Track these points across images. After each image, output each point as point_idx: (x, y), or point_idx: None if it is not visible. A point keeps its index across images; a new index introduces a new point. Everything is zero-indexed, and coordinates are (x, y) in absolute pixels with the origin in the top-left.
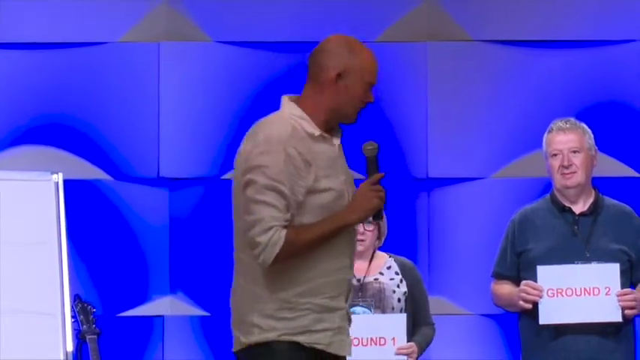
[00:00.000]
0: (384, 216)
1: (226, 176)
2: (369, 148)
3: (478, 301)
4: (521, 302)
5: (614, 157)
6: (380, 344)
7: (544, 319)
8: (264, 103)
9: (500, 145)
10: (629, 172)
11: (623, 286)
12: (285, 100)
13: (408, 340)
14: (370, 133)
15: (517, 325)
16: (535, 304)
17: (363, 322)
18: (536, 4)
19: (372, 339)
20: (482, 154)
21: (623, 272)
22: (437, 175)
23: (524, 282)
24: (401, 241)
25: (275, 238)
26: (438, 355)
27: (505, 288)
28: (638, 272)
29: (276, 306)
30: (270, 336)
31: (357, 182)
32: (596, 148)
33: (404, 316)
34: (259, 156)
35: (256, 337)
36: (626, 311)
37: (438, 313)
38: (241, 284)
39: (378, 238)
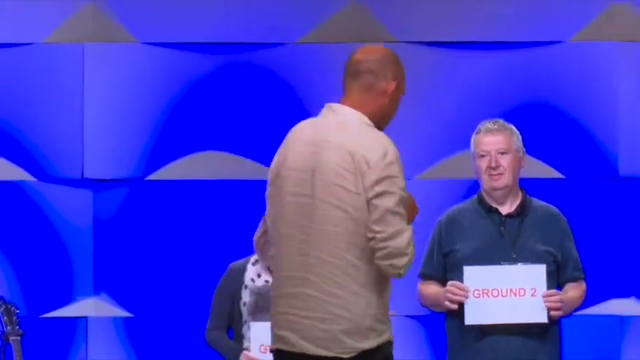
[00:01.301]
0: None
1: (150, 177)
2: None
3: (403, 302)
4: (447, 303)
5: (540, 159)
6: None
7: (470, 319)
8: (189, 104)
9: (426, 147)
10: (554, 173)
11: (549, 288)
12: (346, 108)
13: None
14: None
15: (443, 325)
16: (461, 305)
17: None
18: (462, 6)
19: None
20: (408, 155)
21: (549, 273)
22: None
23: (450, 282)
24: None
25: (414, 251)
26: None
27: (431, 288)
28: (564, 273)
29: (382, 310)
30: (385, 338)
31: None
32: (524, 149)
33: None
34: (390, 166)
35: (373, 340)
36: (552, 312)
37: None
38: (355, 290)
39: None
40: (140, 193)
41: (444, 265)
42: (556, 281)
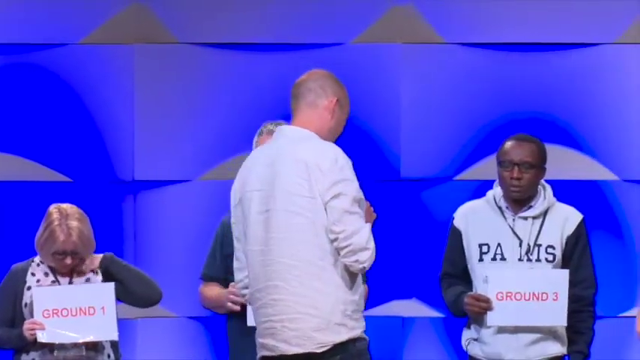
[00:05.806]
0: None
1: None
2: None
3: (184, 303)
4: (229, 304)
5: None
6: (89, 314)
7: (251, 320)
8: None
9: (208, 148)
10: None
11: None
12: (295, 127)
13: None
14: (78, 136)
15: (225, 326)
16: (243, 306)
17: (73, 292)
18: (242, 8)
19: (81, 309)
20: (189, 156)
21: None
22: (143, 177)
23: (232, 284)
24: (107, 244)
25: (374, 246)
26: (145, 356)
27: (214, 290)
28: None
29: (352, 307)
30: (357, 333)
31: None
32: None
33: (111, 285)
34: (342, 170)
35: (345, 335)
36: None
37: (148, 316)
38: (320, 288)
39: None
40: None
41: (226, 266)
42: None
